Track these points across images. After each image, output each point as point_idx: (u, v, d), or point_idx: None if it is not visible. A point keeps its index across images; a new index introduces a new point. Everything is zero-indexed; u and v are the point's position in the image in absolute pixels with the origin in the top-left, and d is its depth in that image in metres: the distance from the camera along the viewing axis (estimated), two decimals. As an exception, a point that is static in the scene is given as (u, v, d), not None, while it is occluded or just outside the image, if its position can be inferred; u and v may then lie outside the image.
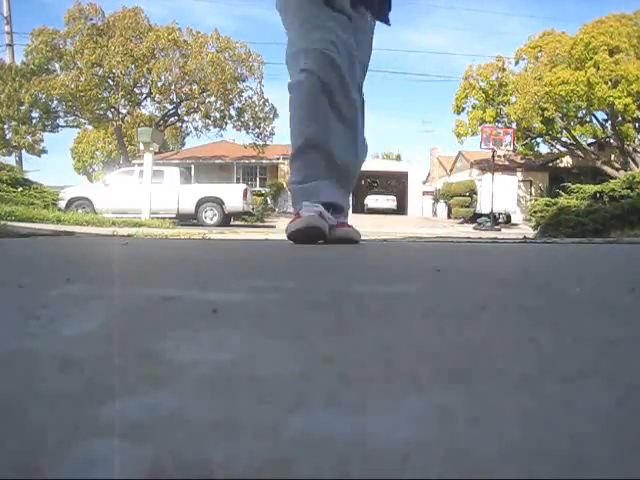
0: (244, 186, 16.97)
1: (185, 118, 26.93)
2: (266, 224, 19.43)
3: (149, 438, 0.30)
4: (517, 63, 25.34)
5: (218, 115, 25.26)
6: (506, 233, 13.14)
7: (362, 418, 0.33)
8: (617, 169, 22.34)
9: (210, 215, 15.68)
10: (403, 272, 1.35)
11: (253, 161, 28.01)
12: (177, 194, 15.50)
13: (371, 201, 31.34)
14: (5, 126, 23.26)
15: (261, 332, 0.57)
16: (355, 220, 2.64)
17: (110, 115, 25.27)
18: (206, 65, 22.74)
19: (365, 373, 0.42)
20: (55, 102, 23.57)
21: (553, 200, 7.57)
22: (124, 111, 25.41)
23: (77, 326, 0.59)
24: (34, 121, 23.73)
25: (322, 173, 2.49)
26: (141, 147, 12.93)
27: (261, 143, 25.33)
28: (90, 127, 28.90)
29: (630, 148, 23.41)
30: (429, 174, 38.32)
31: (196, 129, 26.77)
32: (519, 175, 25.96)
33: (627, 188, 6.73)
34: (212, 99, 24.43)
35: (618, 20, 22.29)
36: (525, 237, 4.61)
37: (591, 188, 7.34)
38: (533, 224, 8.11)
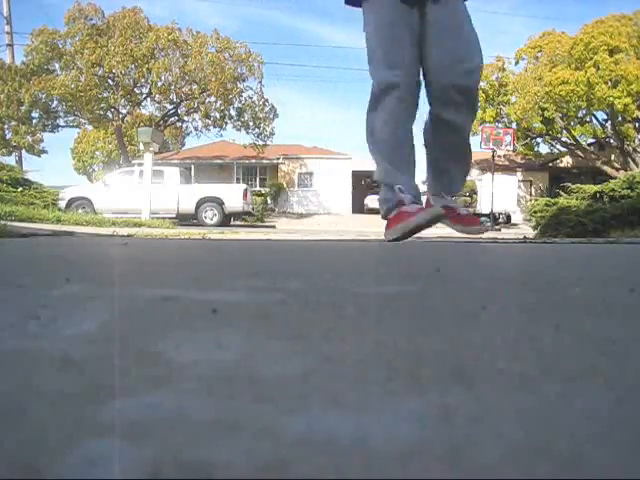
0: (244, 186, 16.97)
1: (185, 118, 26.93)
2: (266, 224, 19.43)
3: (149, 438, 0.30)
4: (517, 63, 25.35)
5: (218, 115, 25.26)
6: (506, 233, 13.13)
7: (362, 418, 0.33)
8: (617, 169, 22.34)
9: (210, 215, 15.68)
10: (403, 272, 1.35)
11: (253, 161, 28.00)
12: (177, 194, 15.49)
13: (371, 201, 31.29)
14: (5, 126, 23.25)
15: (261, 332, 0.57)
16: (355, 220, 2.65)
17: (110, 115, 25.27)
18: (206, 65, 22.74)
19: (365, 373, 0.42)
20: (55, 102, 23.57)
21: (553, 200, 7.56)
22: (124, 111, 25.42)
23: (77, 326, 0.59)
24: (34, 121, 23.73)
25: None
26: (141, 147, 12.92)
27: (261, 143, 25.32)
28: (90, 127, 28.89)
29: (630, 148, 23.41)
30: (429, 174, 38.24)
31: (196, 129, 26.78)
32: (519, 175, 25.95)
33: (627, 188, 6.72)
34: (212, 99, 24.42)
35: (618, 20, 22.29)
36: (525, 237, 4.61)
37: (591, 188, 7.33)
38: (533, 224, 8.10)
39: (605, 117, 24.24)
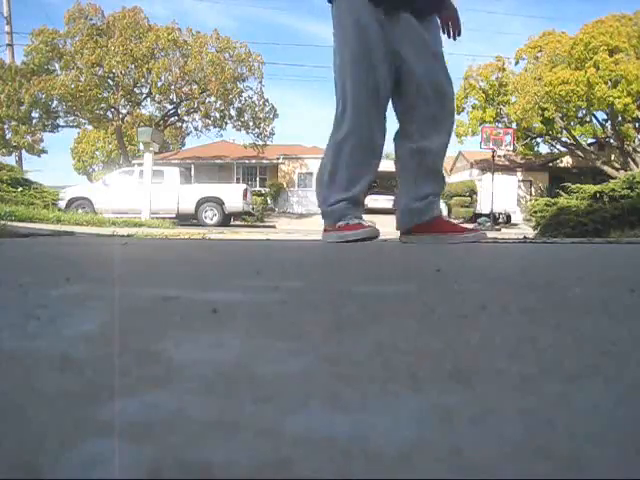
0: (244, 186, 16.96)
1: (185, 118, 26.94)
2: (266, 224, 19.43)
3: (149, 438, 0.30)
4: (517, 63, 25.36)
5: (218, 115, 25.27)
6: (506, 233, 13.14)
7: (362, 418, 0.33)
8: (617, 169, 22.34)
9: (210, 215, 15.68)
10: (403, 272, 1.35)
11: (253, 161, 28.01)
12: (177, 194, 15.49)
13: (371, 201, 31.27)
14: (5, 126, 23.25)
15: (261, 332, 0.57)
16: (355, 220, 2.68)
17: (110, 115, 25.27)
18: (206, 65, 22.74)
19: (365, 373, 0.42)
20: (55, 102, 23.56)
21: (553, 200, 7.56)
22: (124, 111, 25.42)
23: (77, 326, 0.59)
24: (34, 121, 23.72)
25: None
26: (141, 147, 12.93)
27: (261, 143, 25.31)
28: (90, 127, 28.89)
29: (630, 148, 23.41)
30: (429, 174, 38.21)
31: (196, 129, 26.80)
32: (519, 175, 25.94)
33: (627, 188, 6.72)
34: (212, 99, 24.43)
35: (618, 20, 22.30)
36: (525, 237, 4.61)
37: (591, 188, 7.32)
38: (533, 224, 8.11)
39: (605, 117, 24.24)
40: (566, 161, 27.62)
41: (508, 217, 21.58)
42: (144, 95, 25.40)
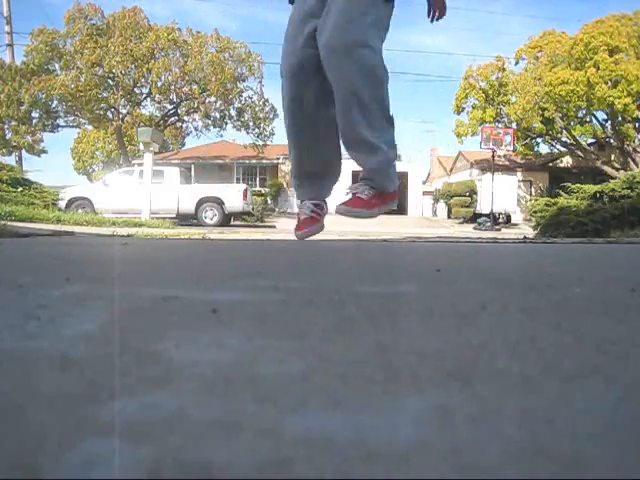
0: (244, 186, 16.95)
1: (185, 118, 26.93)
2: (266, 224, 19.42)
3: (149, 438, 0.30)
4: (517, 63, 25.35)
5: (218, 115, 25.27)
6: (506, 233, 13.14)
7: (362, 418, 0.33)
8: (617, 169, 22.33)
9: (210, 215, 15.67)
10: (403, 272, 1.35)
11: (253, 161, 28.00)
12: (177, 194, 15.49)
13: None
14: (5, 126, 23.24)
15: (261, 332, 0.57)
16: (355, 219, 2.64)
17: (110, 115, 25.26)
18: (206, 65, 22.72)
19: (365, 373, 0.42)
20: (55, 102, 23.55)
21: (553, 200, 7.56)
22: (124, 111, 25.40)
23: (77, 326, 0.59)
24: (34, 121, 23.72)
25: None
26: (141, 147, 12.92)
27: (261, 143, 25.29)
28: (90, 127, 28.88)
29: (630, 148, 23.40)
30: (429, 174, 38.27)
31: (196, 129, 26.79)
32: (519, 175, 25.93)
33: (627, 188, 6.72)
34: (212, 99, 24.42)
35: (618, 20, 22.30)
36: (525, 237, 4.61)
37: (591, 188, 7.32)
38: (533, 224, 8.11)
39: (605, 117, 24.23)
40: (566, 161, 27.61)
41: (508, 217, 21.57)
42: (144, 95, 25.39)
